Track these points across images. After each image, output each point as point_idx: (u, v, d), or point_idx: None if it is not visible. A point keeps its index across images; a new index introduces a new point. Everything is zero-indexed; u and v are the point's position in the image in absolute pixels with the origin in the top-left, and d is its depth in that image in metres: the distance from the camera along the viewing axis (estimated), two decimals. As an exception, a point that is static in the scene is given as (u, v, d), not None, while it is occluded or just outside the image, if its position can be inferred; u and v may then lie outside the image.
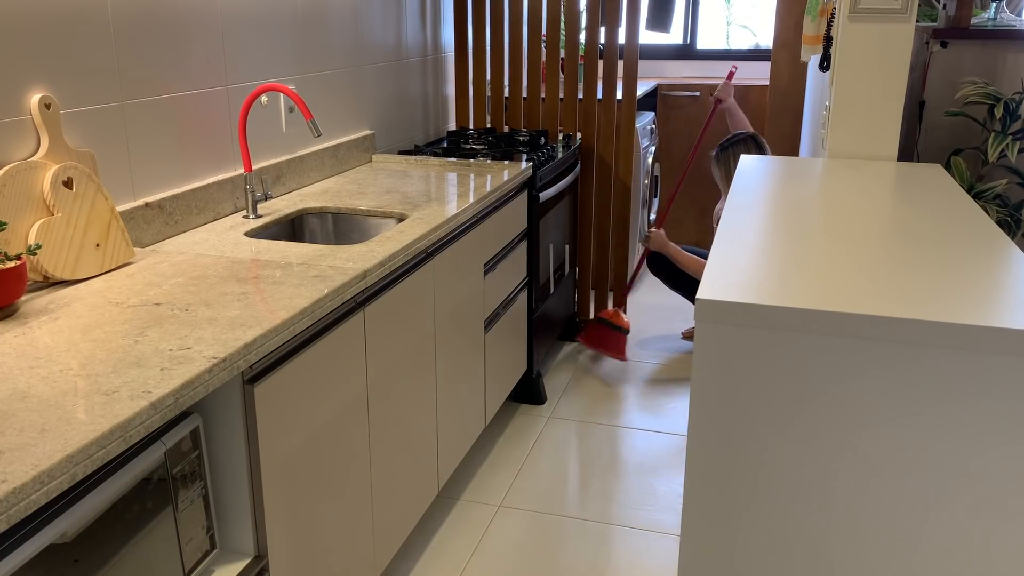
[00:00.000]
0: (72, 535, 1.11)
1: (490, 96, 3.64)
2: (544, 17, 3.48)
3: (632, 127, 3.54)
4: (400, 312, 2.02)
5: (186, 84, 2.09)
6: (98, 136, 1.85)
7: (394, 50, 3.13)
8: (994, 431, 1.33)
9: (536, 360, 3.18)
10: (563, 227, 3.43)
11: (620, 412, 3.14)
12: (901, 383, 1.34)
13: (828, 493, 1.43)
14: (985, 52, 2.99)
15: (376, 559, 2.01)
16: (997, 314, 1.32)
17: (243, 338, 1.39)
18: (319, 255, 1.86)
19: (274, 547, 1.57)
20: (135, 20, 1.91)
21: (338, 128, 2.81)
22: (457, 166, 2.91)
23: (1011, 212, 2.94)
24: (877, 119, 2.50)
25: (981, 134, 3.02)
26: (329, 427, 1.73)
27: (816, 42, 3.29)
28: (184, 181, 2.11)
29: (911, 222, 1.84)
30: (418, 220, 2.17)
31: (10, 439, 1.06)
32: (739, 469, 1.46)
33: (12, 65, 1.63)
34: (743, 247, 1.67)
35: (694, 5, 5.02)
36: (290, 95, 2.14)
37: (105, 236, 1.75)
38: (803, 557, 1.48)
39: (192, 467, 1.36)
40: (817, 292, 1.42)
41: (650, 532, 2.44)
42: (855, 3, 2.42)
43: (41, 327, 1.43)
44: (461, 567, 2.29)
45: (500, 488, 2.65)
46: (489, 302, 2.66)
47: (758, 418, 1.43)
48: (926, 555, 1.41)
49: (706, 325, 1.41)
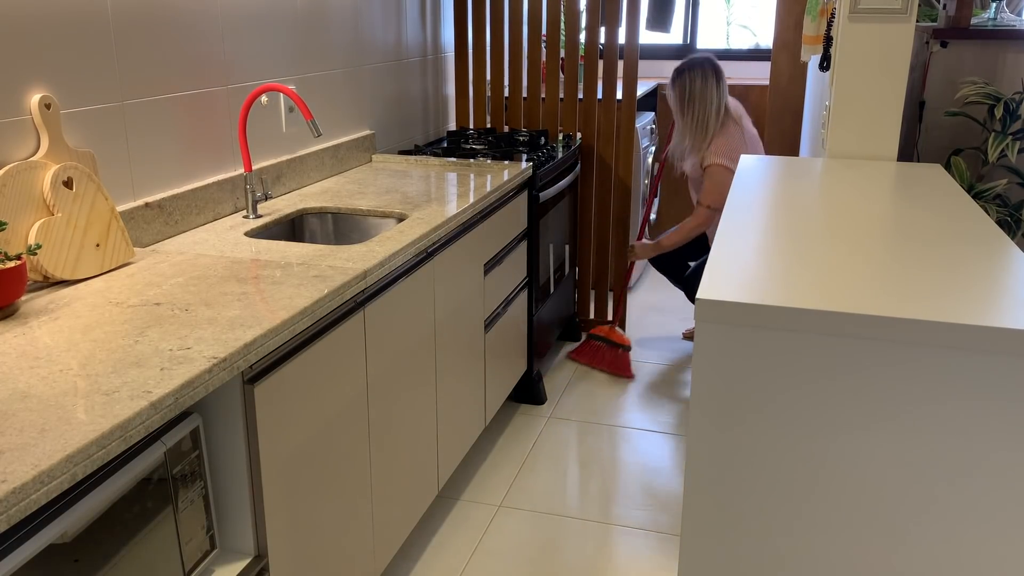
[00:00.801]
0: (72, 535, 1.11)
1: (490, 96, 3.64)
2: (544, 17, 3.48)
3: (632, 127, 3.54)
4: (400, 312, 2.02)
5: (186, 84, 2.09)
6: (98, 136, 1.85)
7: (394, 50, 3.13)
8: (994, 431, 1.33)
9: (536, 360, 3.18)
10: (563, 227, 3.43)
11: (620, 412, 3.14)
12: (901, 383, 1.34)
13: (828, 493, 1.43)
14: (985, 52, 2.99)
15: (376, 559, 2.01)
16: (997, 314, 1.32)
17: (243, 338, 1.39)
18: (319, 255, 1.86)
19: (274, 547, 1.57)
20: (135, 20, 1.91)
21: (338, 128, 2.81)
22: (457, 166, 2.91)
23: (1011, 212, 2.94)
24: (877, 119, 2.50)
25: (981, 134, 3.02)
26: (329, 427, 1.73)
27: (816, 42, 3.29)
28: (184, 181, 2.11)
29: (911, 222, 1.84)
30: (418, 220, 2.17)
31: (10, 439, 1.06)
32: (739, 469, 1.46)
33: (12, 65, 1.63)
34: (743, 247, 1.67)
35: (694, 5, 5.02)
36: (290, 95, 2.14)
37: (105, 236, 1.75)
38: (803, 557, 1.48)
39: (192, 467, 1.36)
40: (817, 292, 1.42)
41: (650, 532, 2.44)
42: (855, 3, 2.42)
43: (41, 327, 1.43)
44: (461, 567, 2.29)
45: (500, 488, 2.65)
46: (489, 302, 2.66)
47: (758, 418, 1.43)
48: (926, 555, 1.41)
49: (706, 325, 1.41)
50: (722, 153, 3.21)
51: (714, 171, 3.23)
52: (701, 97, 3.23)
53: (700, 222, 3.30)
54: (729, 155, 3.21)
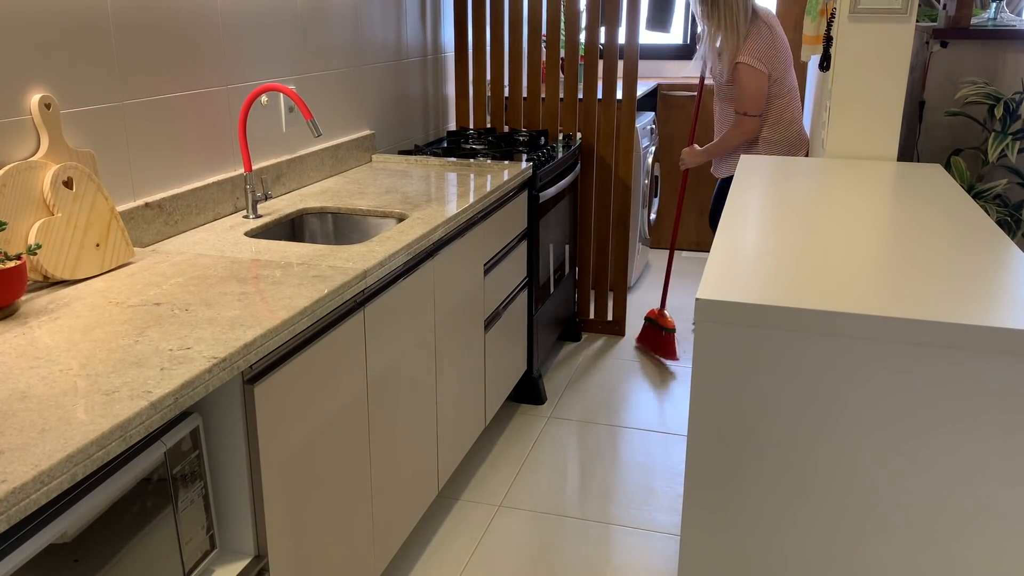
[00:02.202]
0: (72, 535, 1.11)
1: (490, 96, 3.64)
2: (544, 17, 3.48)
3: (632, 127, 3.54)
4: (400, 312, 2.02)
5: (186, 84, 2.09)
6: (98, 136, 1.85)
7: (394, 50, 3.13)
8: (994, 431, 1.33)
9: (536, 360, 3.18)
10: (563, 227, 3.43)
11: (620, 412, 3.14)
12: (901, 383, 1.34)
13: (827, 492, 1.43)
14: (985, 52, 2.99)
15: (376, 559, 2.01)
16: (997, 314, 1.32)
17: (243, 338, 1.39)
18: (319, 255, 1.86)
19: (274, 547, 1.57)
20: (135, 20, 1.91)
21: (338, 128, 2.81)
22: (457, 166, 2.91)
23: (1011, 212, 2.94)
24: (877, 119, 2.50)
25: (981, 134, 3.02)
26: (329, 427, 1.73)
27: (816, 42, 3.29)
28: (184, 181, 2.11)
29: (911, 222, 1.84)
30: (418, 220, 2.17)
31: (10, 439, 1.06)
32: (739, 469, 1.46)
33: (12, 65, 1.63)
34: (743, 247, 1.67)
35: (694, 5, 5.02)
36: (290, 95, 2.14)
37: (105, 236, 1.75)
38: (803, 556, 1.48)
39: (192, 467, 1.36)
40: (817, 292, 1.42)
41: (650, 532, 2.44)
42: (855, 3, 2.42)
43: (41, 327, 1.43)
44: (461, 567, 2.29)
45: (500, 488, 2.65)
46: (489, 302, 2.66)
47: (758, 418, 1.43)
48: (926, 554, 1.41)
49: (706, 325, 1.41)
50: (749, 52, 3.09)
51: (740, 71, 3.10)
52: (726, 1, 3.11)
53: (742, 130, 3.18)
54: (758, 55, 3.08)
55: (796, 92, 3.23)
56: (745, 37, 3.11)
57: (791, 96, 3.21)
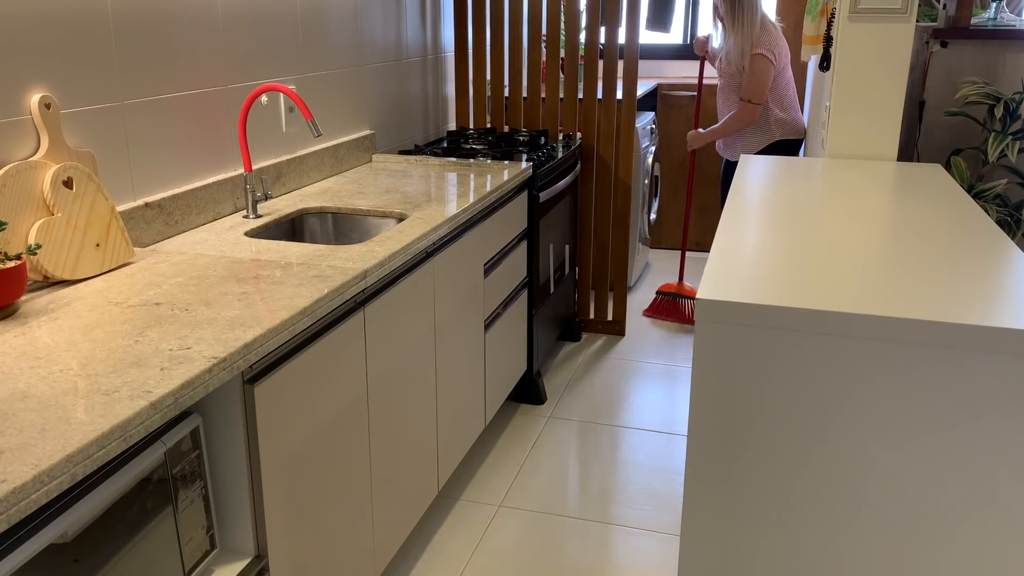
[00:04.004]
0: (72, 535, 1.11)
1: (490, 96, 3.64)
2: (544, 17, 3.48)
3: (632, 127, 3.54)
4: (400, 312, 2.02)
5: (186, 84, 2.09)
6: (98, 136, 1.85)
7: (394, 50, 3.13)
8: (993, 431, 1.33)
9: (536, 360, 3.18)
10: (563, 227, 3.43)
11: (620, 412, 3.14)
12: (901, 383, 1.35)
13: (827, 492, 1.43)
14: (985, 52, 2.99)
15: (376, 559, 2.01)
16: (997, 314, 1.33)
17: (243, 338, 1.39)
18: (319, 255, 1.86)
19: (274, 547, 1.57)
20: (135, 20, 1.91)
21: (338, 128, 2.81)
22: (457, 166, 2.91)
23: (1011, 212, 2.94)
24: (877, 119, 2.50)
25: (981, 134, 3.03)
26: (329, 427, 1.73)
27: (816, 42, 3.29)
28: (184, 181, 2.11)
29: (911, 222, 1.84)
30: (418, 220, 2.17)
31: (10, 439, 1.06)
32: (739, 469, 1.46)
33: (12, 65, 1.63)
34: (743, 247, 1.67)
35: (694, 5, 5.02)
36: (290, 95, 2.14)
37: (105, 236, 1.75)
38: (803, 556, 1.48)
39: (192, 467, 1.36)
40: (817, 292, 1.42)
41: (650, 532, 2.44)
42: (855, 3, 2.42)
43: (41, 327, 1.43)
44: (461, 567, 2.29)
45: (500, 488, 2.65)
46: (489, 302, 2.66)
47: (758, 418, 1.43)
48: (926, 554, 1.41)
49: (706, 325, 1.41)
50: (763, 44, 3.38)
51: (757, 61, 3.38)
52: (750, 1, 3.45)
53: (743, 116, 3.44)
54: (770, 48, 3.38)
55: (793, 82, 3.56)
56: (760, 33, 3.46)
57: (790, 85, 3.54)
